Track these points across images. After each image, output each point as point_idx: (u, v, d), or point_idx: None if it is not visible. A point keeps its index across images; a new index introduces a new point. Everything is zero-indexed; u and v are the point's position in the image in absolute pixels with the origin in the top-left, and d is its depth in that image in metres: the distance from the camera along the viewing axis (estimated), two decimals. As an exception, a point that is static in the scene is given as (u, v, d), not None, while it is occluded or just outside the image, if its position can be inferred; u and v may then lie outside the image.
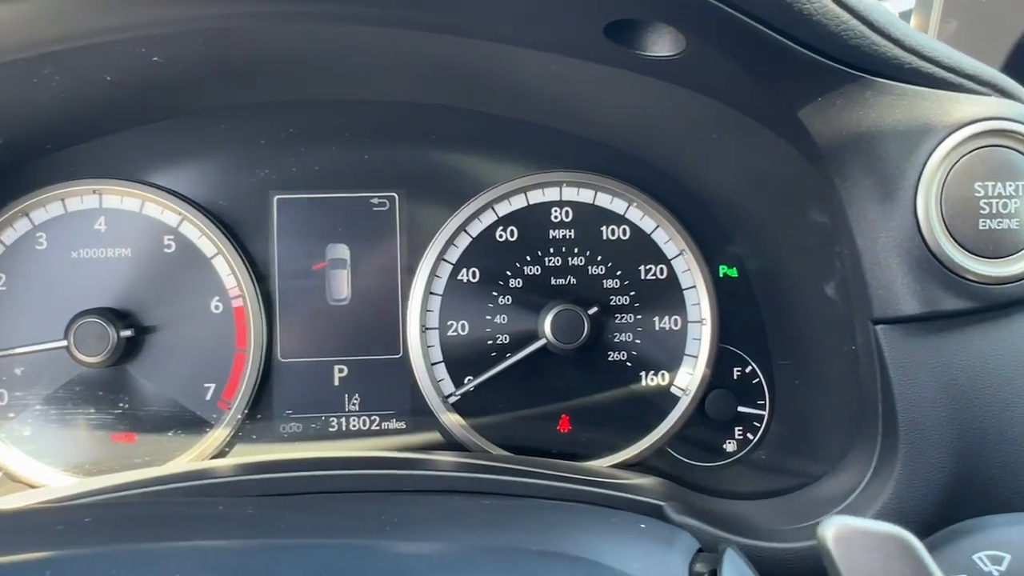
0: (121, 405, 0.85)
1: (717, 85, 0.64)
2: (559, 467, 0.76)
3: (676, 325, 0.89)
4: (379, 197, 0.89)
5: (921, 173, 0.63)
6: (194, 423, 0.86)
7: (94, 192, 0.85)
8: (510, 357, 0.87)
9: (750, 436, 0.90)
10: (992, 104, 0.64)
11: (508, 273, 0.88)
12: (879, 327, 0.67)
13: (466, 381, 0.87)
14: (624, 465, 0.89)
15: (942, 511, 0.64)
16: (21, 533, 0.53)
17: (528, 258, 0.88)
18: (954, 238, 0.64)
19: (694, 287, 0.88)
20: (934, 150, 0.63)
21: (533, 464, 0.79)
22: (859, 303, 0.68)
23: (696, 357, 0.88)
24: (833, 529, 0.44)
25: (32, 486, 0.84)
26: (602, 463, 0.88)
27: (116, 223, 0.85)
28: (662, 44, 0.60)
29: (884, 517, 0.63)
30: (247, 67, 0.80)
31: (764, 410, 0.90)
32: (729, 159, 0.77)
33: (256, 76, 0.82)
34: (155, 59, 0.75)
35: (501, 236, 0.88)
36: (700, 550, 0.55)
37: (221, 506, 0.60)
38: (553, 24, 0.64)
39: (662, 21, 0.58)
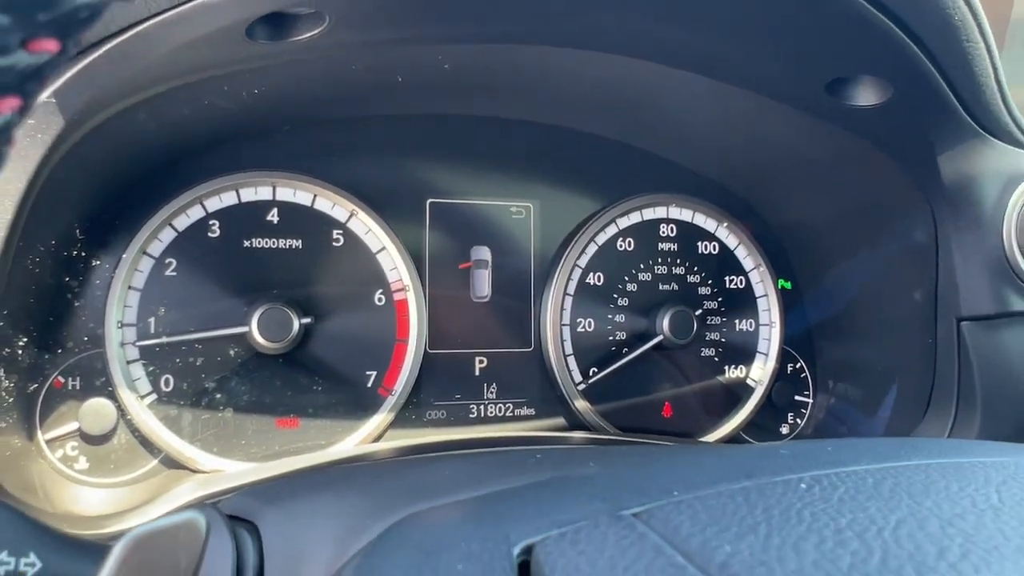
0: (287, 391, 0.88)
1: (887, 130, 0.83)
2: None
3: (750, 327, 1.06)
4: (517, 206, 0.99)
5: (1008, 207, 0.86)
6: (356, 409, 0.90)
7: (269, 184, 0.88)
8: (627, 351, 1.00)
9: (799, 420, 1.10)
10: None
11: (626, 278, 1.01)
12: (964, 323, 0.88)
13: (591, 372, 0.99)
14: (711, 445, 1.05)
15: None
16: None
17: (642, 266, 1.02)
18: (1028, 255, 0.88)
19: (765, 295, 1.07)
20: (1016, 191, 0.86)
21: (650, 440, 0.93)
22: (946, 305, 0.90)
23: (766, 354, 1.06)
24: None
25: (194, 471, 0.84)
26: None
27: (288, 215, 0.88)
28: (868, 95, 0.78)
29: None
30: (418, 82, 0.88)
31: (810, 399, 1.10)
32: (843, 193, 0.96)
33: (424, 90, 0.90)
34: (354, 67, 0.81)
35: (621, 246, 1.01)
36: None
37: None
38: (775, 78, 0.80)
39: (878, 75, 0.76)
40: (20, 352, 0.74)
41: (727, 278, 1.06)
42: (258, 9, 0.59)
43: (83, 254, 0.81)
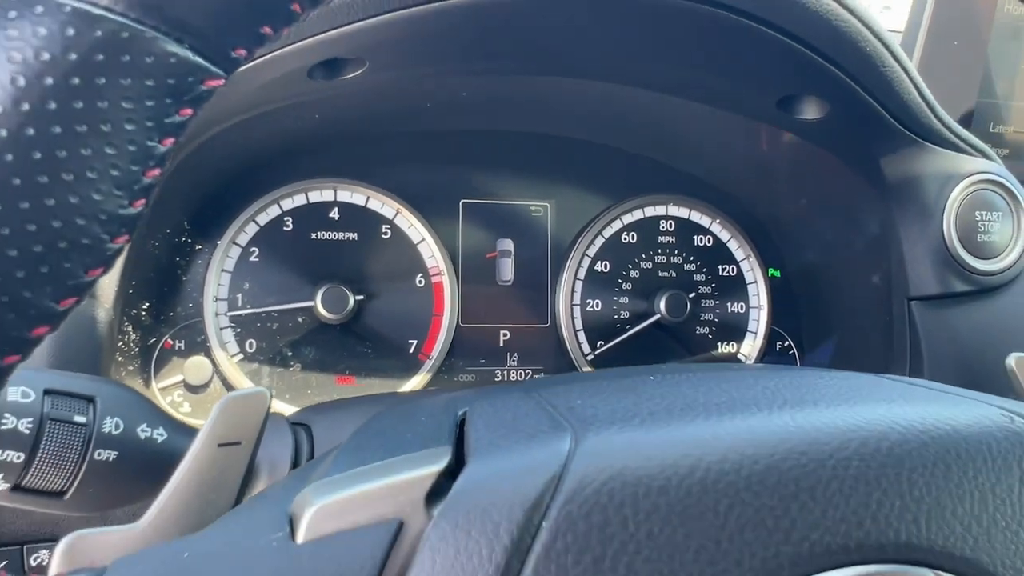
0: (344, 354, 1.09)
1: (833, 139, 0.99)
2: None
3: (742, 309, 1.23)
4: (536, 205, 1.18)
5: (946, 204, 1.01)
6: (399, 370, 1.11)
7: (331, 188, 1.10)
8: (629, 327, 1.18)
9: (787, 392, 1.25)
10: (982, 163, 1.03)
11: (629, 266, 1.19)
12: (913, 302, 1.03)
13: (598, 345, 1.18)
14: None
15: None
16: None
17: (643, 255, 1.20)
18: (964, 245, 1.02)
19: (755, 282, 1.23)
20: (953, 189, 1.01)
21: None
22: (898, 287, 1.05)
23: (756, 333, 1.23)
24: None
25: (271, 417, 1.06)
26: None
27: (346, 213, 1.10)
28: (812, 111, 0.95)
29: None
30: (448, 105, 1.08)
31: (797, 373, 1.25)
32: (809, 191, 1.13)
33: (455, 111, 1.10)
34: (394, 95, 1.02)
35: (625, 239, 1.19)
36: None
37: None
38: (735, 98, 0.97)
39: (817, 95, 0.93)
40: (143, 314, 0.98)
41: (720, 267, 1.23)
42: (313, 58, 0.80)
43: (189, 241, 1.04)
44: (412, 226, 1.12)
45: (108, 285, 0.87)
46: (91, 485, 0.57)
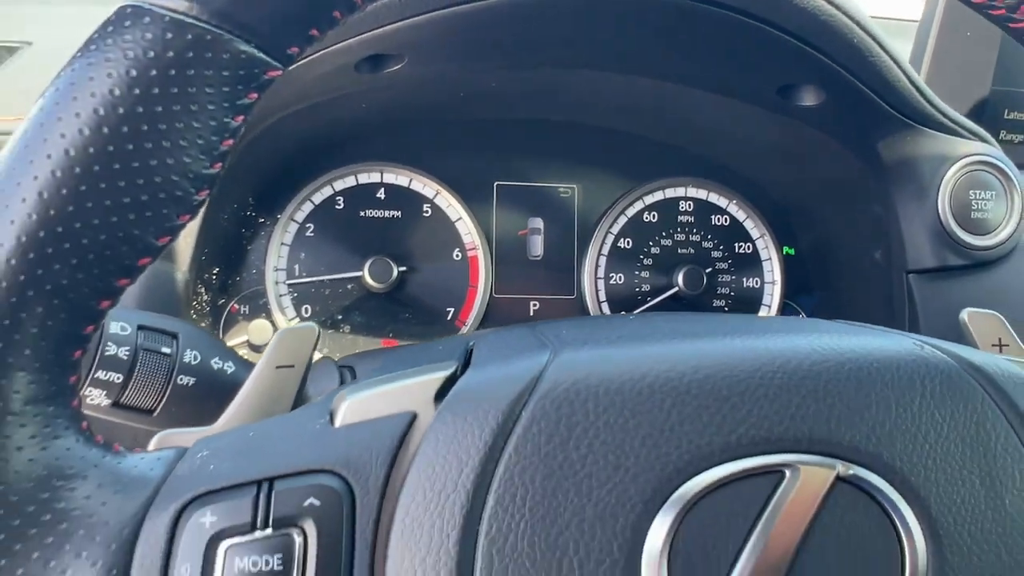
0: (388, 320, 1.21)
1: (832, 124, 1.08)
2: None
3: (757, 284, 1.32)
4: (564, 187, 1.29)
5: (941, 183, 1.09)
6: (438, 335, 1.23)
7: (378, 170, 1.22)
8: (649, 299, 1.28)
9: (800, 362, 1.34)
10: (978, 145, 1.10)
11: (650, 243, 1.29)
12: (911, 275, 1.11)
13: (620, 315, 1.28)
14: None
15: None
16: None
17: (664, 233, 1.30)
18: (958, 222, 1.09)
19: (769, 259, 1.32)
20: (948, 170, 1.08)
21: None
22: (897, 261, 1.13)
23: (770, 306, 1.31)
24: None
25: (324, 375, 1.19)
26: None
27: (392, 193, 1.22)
28: (810, 98, 1.04)
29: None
30: (490, 94, 1.19)
31: (810, 345, 1.34)
32: (814, 173, 1.21)
33: (489, 101, 1.21)
34: (431, 87, 1.14)
35: (647, 218, 1.29)
36: None
37: None
38: (739, 87, 1.07)
39: (814, 84, 1.02)
40: (214, 279, 1.12)
41: (736, 244, 1.32)
42: (359, 54, 0.92)
43: (253, 215, 1.18)
44: (450, 205, 1.23)
45: (185, 251, 1.00)
46: (174, 405, 0.70)
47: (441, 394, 0.52)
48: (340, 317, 1.20)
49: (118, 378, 0.67)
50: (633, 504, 0.48)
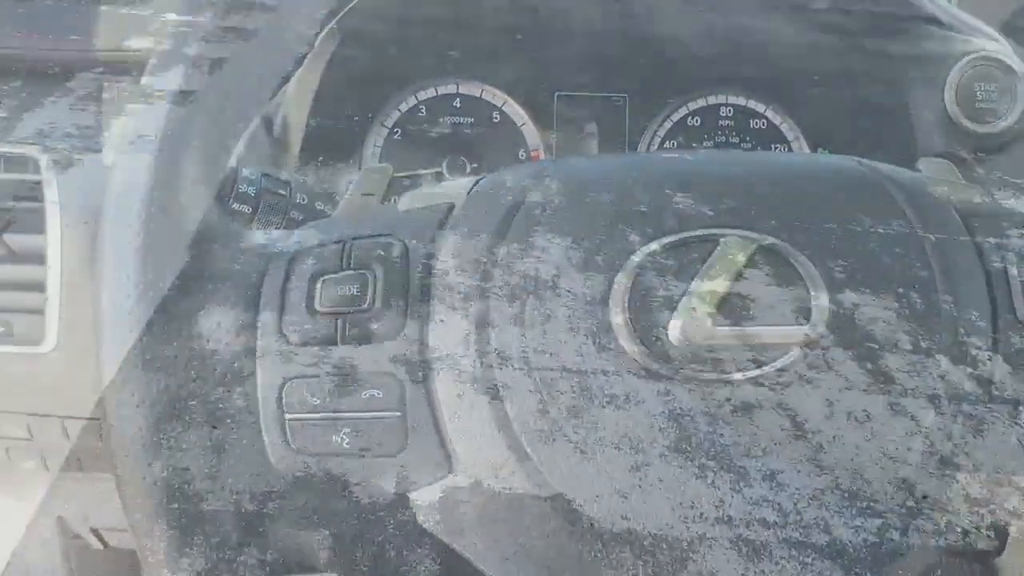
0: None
1: (843, 26, 1.23)
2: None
3: (791, 181, 1.47)
4: (617, 95, 1.47)
5: (948, 75, 1.22)
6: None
7: (454, 83, 1.43)
8: (692, 195, 1.45)
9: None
10: (983, 42, 1.22)
11: (694, 144, 1.46)
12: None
13: (666, 208, 1.45)
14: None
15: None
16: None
17: (706, 135, 1.46)
18: (964, 113, 1.22)
19: (803, 158, 1.47)
20: (955, 63, 1.21)
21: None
22: (910, 149, 1.27)
23: (803, 201, 1.46)
24: None
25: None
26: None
27: (465, 102, 1.42)
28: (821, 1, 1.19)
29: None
30: (555, 11, 1.37)
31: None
32: (840, 75, 1.35)
33: (555, 20, 1.40)
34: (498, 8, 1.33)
35: (690, 122, 1.46)
36: None
37: None
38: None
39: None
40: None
41: (772, 145, 1.47)
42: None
43: (353, 120, 1.40)
44: (516, 112, 1.43)
45: (295, 147, 1.24)
46: (289, 233, 0.93)
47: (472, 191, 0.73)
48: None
49: (248, 209, 0.90)
50: (605, 257, 0.67)
